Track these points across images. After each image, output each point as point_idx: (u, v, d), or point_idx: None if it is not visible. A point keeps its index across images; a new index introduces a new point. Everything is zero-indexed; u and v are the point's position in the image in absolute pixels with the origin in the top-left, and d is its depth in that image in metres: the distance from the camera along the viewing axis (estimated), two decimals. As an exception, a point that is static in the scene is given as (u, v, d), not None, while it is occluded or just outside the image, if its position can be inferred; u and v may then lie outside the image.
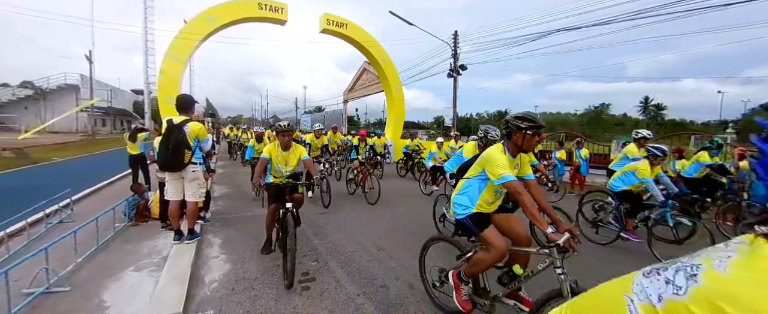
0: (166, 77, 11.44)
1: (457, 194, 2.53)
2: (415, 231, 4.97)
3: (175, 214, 4.05)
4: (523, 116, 2.25)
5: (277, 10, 13.05)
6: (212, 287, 3.15)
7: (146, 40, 18.32)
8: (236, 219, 5.49)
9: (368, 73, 23.57)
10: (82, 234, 3.64)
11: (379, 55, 15.74)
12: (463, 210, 2.44)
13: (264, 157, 3.57)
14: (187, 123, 3.88)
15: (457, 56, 15.84)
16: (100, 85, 33.75)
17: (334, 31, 14.41)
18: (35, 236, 4.30)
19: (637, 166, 4.31)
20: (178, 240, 3.98)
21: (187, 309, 2.71)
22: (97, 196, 7.02)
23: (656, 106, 56.46)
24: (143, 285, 3.10)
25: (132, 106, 43.36)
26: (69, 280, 3.12)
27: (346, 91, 28.79)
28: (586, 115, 59.13)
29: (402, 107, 16.78)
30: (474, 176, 2.44)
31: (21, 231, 4.35)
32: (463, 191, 2.49)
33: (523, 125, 2.23)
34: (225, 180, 9.31)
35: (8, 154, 13.88)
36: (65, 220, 5.00)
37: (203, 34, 11.97)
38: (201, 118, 19.68)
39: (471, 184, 2.45)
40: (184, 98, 4.09)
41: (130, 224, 4.84)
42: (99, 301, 2.81)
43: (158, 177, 4.76)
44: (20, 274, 2.78)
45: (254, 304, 2.84)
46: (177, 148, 3.79)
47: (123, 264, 3.54)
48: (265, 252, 3.70)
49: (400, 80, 16.87)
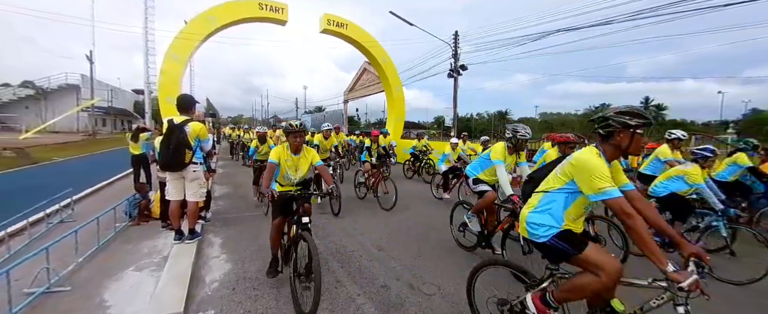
0: (167, 77, 11.45)
1: (533, 211, 2.03)
2: (422, 235, 4.97)
3: (175, 214, 4.05)
4: (630, 111, 1.83)
5: (278, 11, 13.06)
6: (213, 287, 3.15)
7: (147, 40, 18.31)
8: (237, 219, 5.49)
9: (368, 73, 23.59)
10: (83, 233, 3.64)
11: (380, 55, 15.75)
12: (547, 230, 1.95)
13: (272, 162, 3.06)
14: (188, 123, 3.88)
15: (457, 56, 15.83)
16: (100, 84, 33.79)
17: (334, 32, 14.42)
18: (36, 236, 4.30)
19: (687, 171, 3.93)
20: (178, 240, 3.98)
21: (187, 309, 2.72)
22: (98, 196, 7.03)
23: (657, 106, 56.41)
24: (144, 285, 3.10)
25: (132, 105, 43.41)
26: (69, 280, 3.12)
27: (347, 91, 28.82)
28: (586, 116, 59.06)
29: (402, 107, 16.79)
30: (556, 189, 1.96)
31: (22, 231, 4.36)
32: (543, 208, 2.00)
33: (633, 122, 1.79)
34: (226, 180, 9.32)
35: (9, 153, 13.89)
36: (66, 220, 5.01)
37: (204, 34, 11.98)
38: (202, 117, 19.67)
39: (554, 199, 1.98)
40: (185, 98, 4.10)
41: (131, 224, 4.85)
42: (99, 301, 2.81)
43: (159, 177, 4.76)
44: (21, 274, 2.78)
45: (255, 304, 2.85)
46: (178, 147, 3.80)
47: (123, 264, 3.55)
48: (271, 274, 3.21)
49: (400, 80, 16.88)
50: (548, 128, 44.11)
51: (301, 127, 3.17)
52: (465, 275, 3.44)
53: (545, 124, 54.35)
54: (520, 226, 2.10)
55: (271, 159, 3.09)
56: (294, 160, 3.21)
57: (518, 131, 3.65)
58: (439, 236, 4.76)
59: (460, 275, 3.48)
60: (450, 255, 4.09)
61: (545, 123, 56.67)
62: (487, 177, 3.94)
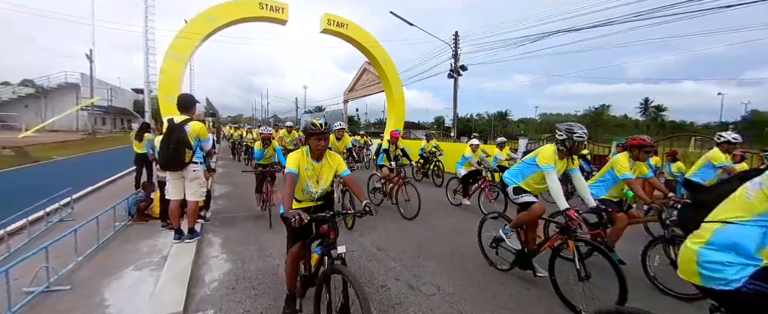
0: (167, 76, 11.45)
1: (709, 247, 1.40)
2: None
3: (175, 213, 4.05)
4: None
5: (278, 10, 13.07)
6: (212, 286, 3.15)
7: (147, 40, 18.32)
8: (237, 218, 5.49)
9: (369, 73, 23.60)
10: (83, 232, 3.64)
11: (380, 55, 15.76)
12: (738, 271, 1.32)
13: (291, 172, 2.39)
14: (188, 122, 3.88)
15: (457, 57, 15.84)
16: (100, 83, 33.77)
17: (334, 31, 14.43)
18: (36, 234, 4.30)
19: None
20: (178, 240, 3.98)
21: (187, 309, 2.71)
22: (98, 195, 7.02)
23: (656, 107, 56.50)
24: (143, 284, 3.10)
25: (132, 104, 43.41)
26: (69, 279, 3.12)
27: (347, 91, 28.81)
28: (586, 116, 59.16)
29: (402, 107, 16.80)
30: (747, 220, 1.34)
31: (21, 230, 4.35)
32: (725, 243, 1.37)
33: None
34: (226, 180, 9.31)
35: (9, 152, 13.87)
36: (66, 219, 5.00)
37: (204, 33, 11.98)
38: (202, 117, 19.62)
39: (743, 232, 1.34)
40: (186, 97, 4.10)
41: (130, 222, 4.85)
42: (99, 300, 2.81)
43: (159, 176, 4.77)
44: (20, 273, 2.77)
45: (254, 304, 2.84)
46: (178, 147, 3.80)
47: (123, 263, 3.54)
48: (288, 312, 2.59)
49: (400, 80, 16.90)
50: (548, 129, 44.10)
51: (326, 128, 2.47)
52: (466, 275, 3.44)
53: (545, 125, 54.37)
54: (684, 267, 1.49)
55: (289, 168, 2.40)
56: (315, 169, 2.57)
57: (574, 132, 3.05)
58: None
59: (460, 276, 3.49)
60: (451, 256, 4.09)
61: (545, 123, 56.68)
62: (532, 186, 3.37)
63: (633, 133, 28.90)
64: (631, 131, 34.35)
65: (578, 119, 58.89)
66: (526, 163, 3.44)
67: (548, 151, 3.17)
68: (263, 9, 12.73)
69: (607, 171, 3.74)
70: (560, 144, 3.17)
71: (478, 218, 4.17)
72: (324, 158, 2.60)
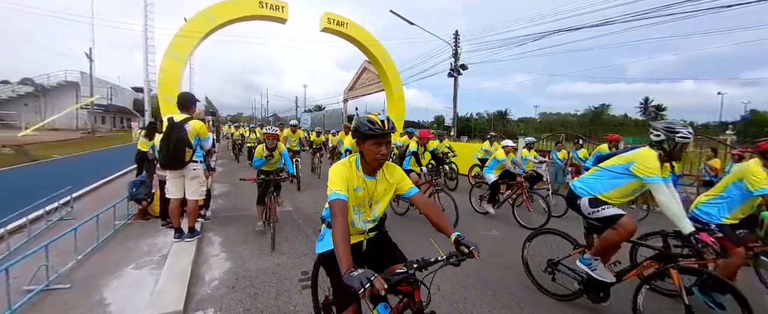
0: (167, 75, 11.44)
1: None
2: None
3: (175, 212, 4.05)
4: None
5: (278, 9, 13.05)
6: (212, 285, 3.15)
7: (146, 38, 18.31)
8: (236, 217, 5.49)
9: (369, 72, 23.58)
10: (82, 231, 3.64)
11: (380, 54, 15.75)
12: None
13: (340, 198, 1.59)
14: (189, 121, 3.88)
15: (457, 56, 15.83)
16: (100, 82, 33.73)
17: (334, 30, 14.41)
18: (36, 233, 4.30)
19: None
20: (178, 238, 3.98)
21: (187, 307, 2.72)
22: (97, 194, 7.02)
23: (656, 107, 56.53)
24: (143, 282, 3.10)
25: (132, 103, 43.35)
26: (69, 277, 3.12)
27: (347, 90, 28.79)
28: (586, 116, 59.20)
29: (402, 106, 16.79)
30: None
31: (21, 228, 4.35)
32: None
33: None
34: (225, 179, 9.30)
35: (8, 150, 13.86)
36: (65, 218, 5.00)
37: (203, 32, 11.97)
38: (202, 116, 19.54)
39: None
40: (186, 96, 4.09)
41: (130, 221, 4.84)
42: (99, 299, 2.81)
43: (159, 175, 4.75)
44: (20, 271, 2.77)
45: (254, 302, 2.85)
46: (178, 146, 3.79)
47: (123, 261, 3.54)
48: None
49: (400, 79, 16.89)
50: (548, 128, 44.11)
51: (390, 128, 1.66)
52: (466, 275, 3.43)
53: (545, 124, 54.40)
54: None
55: (336, 191, 1.60)
56: (368, 188, 1.78)
57: (677, 131, 2.45)
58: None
59: (462, 273, 3.48)
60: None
61: (545, 123, 56.71)
62: (615, 199, 2.68)
63: (633, 132, 28.82)
64: (631, 131, 34.35)
65: (578, 118, 58.93)
66: (608, 171, 2.74)
67: (651, 158, 2.48)
68: (263, 7, 12.71)
69: (730, 185, 2.89)
70: (657, 146, 2.55)
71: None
72: (379, 171, 1.81)
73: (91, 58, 27.32)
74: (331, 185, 1.64)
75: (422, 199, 1.85)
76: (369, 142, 1.66)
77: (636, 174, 2.51)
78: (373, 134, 1.64)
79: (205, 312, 2.71)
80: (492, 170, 6.05)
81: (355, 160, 1.78)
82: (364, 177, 1.77)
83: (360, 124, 1.68)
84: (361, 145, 1.72)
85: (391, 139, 1.74)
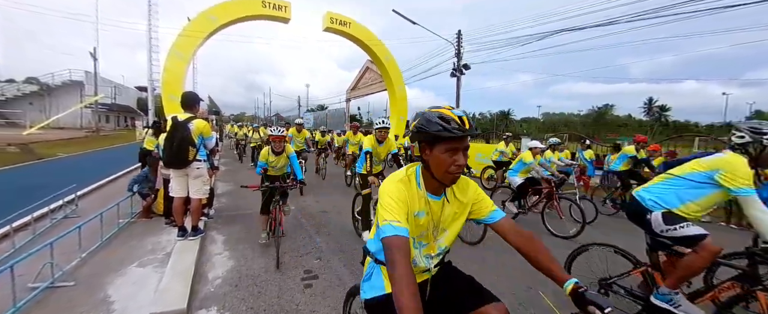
0: (170, 75, 11.47)
1: None
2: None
3: (179, 211, 4.07)
4: None
5: (281, 8, 13.05)
6: (216, 283, 3.16)
7: (150, 38, 18.39)
8: (239, 216, 5.51)
9: (371, 72, 23.61)
10: (87, 229, 3.66)
11: (382, 53, 15.74)
12: None
13: (401, 234, 1.12)
14: (192, 120, 3.90)
15: (460, 55, 15.80)
16: (104, 81, 33.90)
17: (337, 30, 14.41)
18: (40, 231, 4.33)
19: None
20: (181, 237, 4.00)
21: (191, 305, 2.73)
22: (102, 192, 7.06)
23: (660, 107, 56.18)
24: (147, 280, 3.12)
25: (136, 102, 43.56)
26: (73, 275, 3.14)
27: (349, 89, 28.84)
28: (589, 116, 58.91)
29: (405, 106, 16.78)
30: None
31: (26, 226, 4.38)
32: None
33: None
34: (228, 178, 9.33)
35: (13, 149, 13.97)
36: (70, 216, 5.04)
37: (207, 31, 11.99)
38: (206, 115, 19.58)
39: None
40: (189, 95, 4.11)
41: (134, 219, 4.87)
42: (103, 296, 2.83)
43: (163, 174, 4.78)
44: (25, 269, 2.80)
45: (257, 301, 2.85)
46: (182, 145, 3.81)
47: (127, 259, 3.57)
48: None
49: (402, 79, 16.87)
50: (551, 128, 43.98)
51: (472, 127, 1.22)
52: (469, 272, 3.41)
53: (548, 124, 54.23)
54: None
55: (392, 223, 1.15)
56: (434, 212, 1.34)
57: (765, 132, 2.11)
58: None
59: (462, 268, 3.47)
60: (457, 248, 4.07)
61: (548, 123, 56.53)
62: (693, 212, 2.28)
63: (638, 132, 28.68)
64: (635, 131, 34.18)
65: (582, 118, 58.66)
66: (686, 180, 2.31)
67: (740, 165, 2.09)
68: (266, 7, 12.72)
69: None
70: (740, 150, 2.21)
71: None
72: (448, 190, 1.34)
73: (95, 57, 27.46)
74: (384, 213, 1.16)
75: (513, 228, 1.33)
76: (440, 147, 1.19)
77: (723, 185, 2.10)
78: (449, 136, 1.16)
79: (209, 310, 2.72)
80: (517, 173, 5.59)
81: (413, 174, 1.31)
82: (427, 197, 1.29)
83: (426, 122, 1.21)
84: (426, 151, 1.25)
85: (469, 144, 1.27)
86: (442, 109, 1.22)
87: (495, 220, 1.36)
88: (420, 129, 1.23)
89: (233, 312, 2.70)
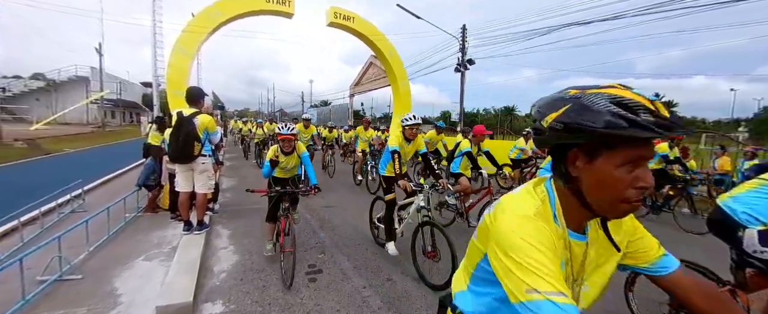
0: (175, 70, 11.48)
1: None
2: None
3: (184, 205, 4.10)
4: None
5: (284, 3, 12.99)
6: (221, 277, 3.19)
7: (155, 34, 18.42)
8: (244, 210, 5.53)
9: (375, 68, 23.54)
10: (94, 223, 3.70)
11: (386, 48, 15.66)
12: None
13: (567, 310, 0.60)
14: (197, 115, 3.91)
15: (464, 50, 15.68)
16: (110, 77, 34.11)
17: (341, 24, 14.33)
18: (48, 225, 4.38)
19: None
20: (187, 231, 4.03)
21: (196, 299, 2.75)
22: (108, 187, 7.13)
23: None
24: (154, 274, 3.15)
25: (141, 98, 43.81)
26: (81, 268, 3.18)
27: (353, 85, 28.77)
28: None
29: (408, 101, 16.70)
30: None
31: (34, 220, 4.44)
32: None
33: None
34: (233, 173, 9.38)
35: (21, 144, 14.13)
36: (77, 210, 5.09)
37: (210, 27, 11.98)
38: (210, 110, 19.63)
39: None
40: (194, 91, 4.12)
41: (140, 213, 4.91)
42: (111, 289, 2.86)
43: (168, 169, 4.81)
44: (34, 262, 2.83)
45: (262, 295, 2.87)
46: (187, 140, 3.83)
47: (134, 253, 3.60)
48: None
49: (406, 74, 16.78)
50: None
51: (676, 118, 0.64)
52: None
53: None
54: None
55: (552, 299, 0.60)
56: (575, 257, 0.80)
57: None
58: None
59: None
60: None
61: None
62: None
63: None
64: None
65: (586, 115, 57.95)
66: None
67: None
68: (269, 2, 12.67)
69: None
70: None
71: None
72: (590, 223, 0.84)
73: (100, 53, 27.64)
74: (530, 277, 0.64)
75: (698, 285, 0.85)
76: (613, 155, 0.68)
77: None
78: (639, 137, 0.63)
79: (214, 303, 2.75)
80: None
81: (547, 199, 0.79)
82: (568, 236, 0.78)
83: (586, 112, 0.66)
84: (575, 163, 0.73)
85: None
86: (614, 88, 0.67)
87: (668, 271, 0.85)
88: (573, 125, 0.67)
89: (238, 305, 2.73)
